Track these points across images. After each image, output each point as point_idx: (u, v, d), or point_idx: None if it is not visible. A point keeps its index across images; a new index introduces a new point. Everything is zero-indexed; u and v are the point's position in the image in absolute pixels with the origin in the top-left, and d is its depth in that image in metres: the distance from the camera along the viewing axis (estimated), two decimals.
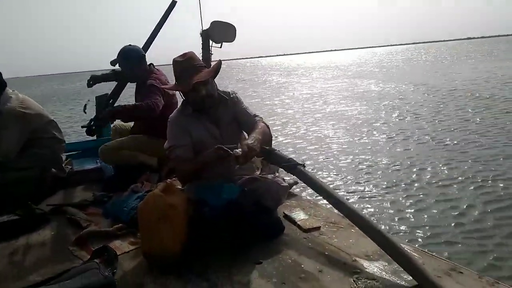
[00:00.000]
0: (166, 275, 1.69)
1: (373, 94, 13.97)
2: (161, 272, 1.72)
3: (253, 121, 2.25)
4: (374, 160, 6.01)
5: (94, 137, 4.32)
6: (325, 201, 2.11)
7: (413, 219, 3.91)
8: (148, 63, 3.37)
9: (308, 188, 2.31)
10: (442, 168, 5.33)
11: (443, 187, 4.68)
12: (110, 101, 4.10)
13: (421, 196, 4.46)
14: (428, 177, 5.05)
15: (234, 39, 3.48)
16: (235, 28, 3.46)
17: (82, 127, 3.61)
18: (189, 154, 2.12)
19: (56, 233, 2.28)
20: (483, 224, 3.68)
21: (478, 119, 8.16)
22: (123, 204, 2.39)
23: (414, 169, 5.37)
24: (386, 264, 1.65)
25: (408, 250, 1.61)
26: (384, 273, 1.59)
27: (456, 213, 3.97)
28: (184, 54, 2.15)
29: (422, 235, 3.57)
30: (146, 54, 3.44)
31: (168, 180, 2.67)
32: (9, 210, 2.45)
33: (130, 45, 3.34)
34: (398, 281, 1.52)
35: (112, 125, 3.85)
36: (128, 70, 3.30)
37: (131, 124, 3.50)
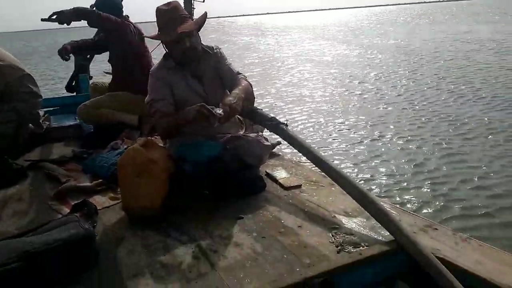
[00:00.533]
0: (146, 229, 1.70)
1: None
2: (141, 226, 1.73)
3: (236, 78, 2.21)
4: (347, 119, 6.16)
5: (74, 94, 4.23)
6: (307, 161, 2.12)
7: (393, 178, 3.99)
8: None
9: (291, 148, 2.32)
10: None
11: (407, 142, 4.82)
12: (88, 57, 3.98)
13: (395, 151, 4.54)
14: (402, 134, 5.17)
15: None
16: None
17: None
18: (170, 108, 2.06)
19: (34, 188, 2.25)
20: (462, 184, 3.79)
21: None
22: (102, 160, 2.36)
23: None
24: (365, 220, 1.68)
25: (386, 207, 1.64)
26: (362, 228, 1.62)
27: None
28: (169, 3, 2.06)
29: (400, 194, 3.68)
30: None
31: (150, 137, 2.64)
32: None
33: None
34: (376, 236, 1.56)
35: (90, 83, 3.75)
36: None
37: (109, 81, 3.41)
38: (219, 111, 1.82)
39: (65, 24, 2.83)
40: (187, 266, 1.41)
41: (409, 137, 5.15)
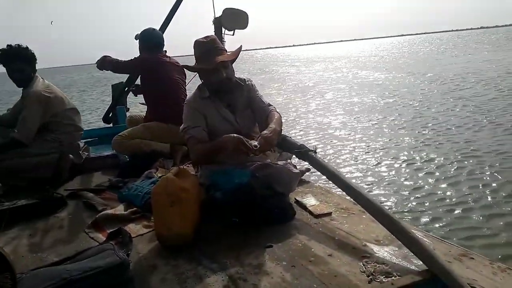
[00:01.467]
0: (178, 258, 1.73)
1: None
2: (173, 254, 1.76)
3: (267, 110, 2.27)
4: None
5: (111, 125, 4.41)
6: (336, 188, 2.11)
7: (426, 207, 3.87)
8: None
9: (320, 175, 2.32)
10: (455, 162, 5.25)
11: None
12: (125, 89, 4.17)
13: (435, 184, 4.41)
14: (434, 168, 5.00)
15: (246, 26, 3.47)
16: (247, 15, 3.44)
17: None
18: (204, 135, 2.15)
19: (73, 217, 2.35)
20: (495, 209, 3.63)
21: None
22: (137, 189, 2.43)
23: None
24: (396, 249, 1.65)
25: (419, 236, 1.61)
26: (394, 257, 1.59)
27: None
28: (207, 36, 2.20)
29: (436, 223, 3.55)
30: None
31: (182, 166, 2.72)
32: (29, 194, 2.53)
33: (154, 29, 3.45)
34: (408, 266, 1.52)
35: (127, 115, 3.92)
36: (145, 51, 3.40)
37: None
38: (255, 143, 1.90)
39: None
40: None
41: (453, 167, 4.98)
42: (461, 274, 1.40)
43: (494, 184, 4.24)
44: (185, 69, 2.25)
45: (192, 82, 3.19)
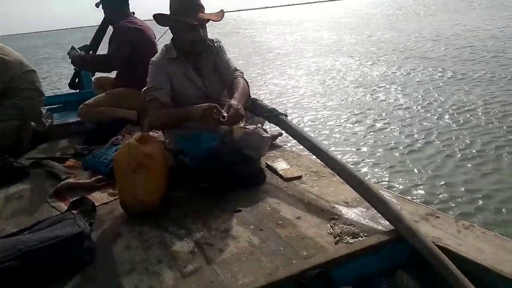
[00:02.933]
0: (143, 225, 1.68)
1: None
2: (139, 221, 1.71)
3: (233, 75, 2.18)
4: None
5: (77, 90, 4.22)
6: (307, 152, 2.08)
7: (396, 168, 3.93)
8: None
9: (292, 140, 2.28)
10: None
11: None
12: (91, 52, 3.96)
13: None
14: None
15: None
16: None
17: None
18: (167, 98, 2.03)
19: (34, 186, 2.25)
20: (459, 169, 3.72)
21: None
22: (102, 156, 2.35)
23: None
24: (364, 210, 1.65)
25: (387, 196, 1.60)
26: (361, 218, 1.59)
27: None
28: None
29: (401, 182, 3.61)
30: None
31: (150, 132, 2.62)
32: None
33: None
34: (375, 226, 1.52)
35: (93, 79, 3.74)
36: (108, 11, 3.18)
37: (113, 76, 3.40)
38: (224, 114, 1.81)
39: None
40: (182, 261, 1.39)
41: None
42: (427, 233, 1.40)
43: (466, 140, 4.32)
44: (156, 19, 2.04)
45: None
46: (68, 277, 1.36)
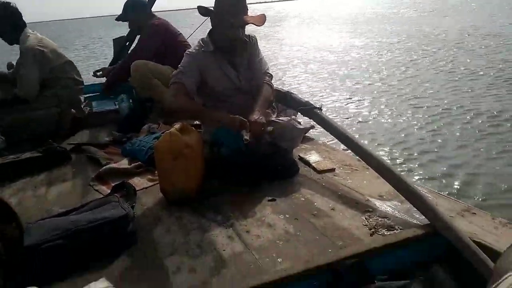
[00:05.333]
0: (182, 211, 1.75)
1: None
2: (178, 207, 1.78)
3: (262, 79, 2.23)
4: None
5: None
6: (340, 145, 2.10)
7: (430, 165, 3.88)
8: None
9: (324, 133, 2.30)
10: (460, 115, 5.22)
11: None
12: (127, 44, 4.08)
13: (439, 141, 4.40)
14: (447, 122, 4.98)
15: None
16: None
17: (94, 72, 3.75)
18: (192, 88, 2.07)
19: (76, 170, 2.36)
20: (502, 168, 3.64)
21: None
22: (141, 143, 2.43)
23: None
24: (399, 204, 1.66)
25: (422, 191, 1.61)
26: (396, 212, 1.60)
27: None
28: None
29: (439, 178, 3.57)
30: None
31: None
32: (32, 148, 2.53)
33: None
34: (410, 220, 1.53)
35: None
36: (137, 21, 3.33)
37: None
38: (246, 136, 1.92)
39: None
40: (221, 245, 1.45)
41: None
42: (463, 229, 1.41)
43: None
44: (200, 10, 2.09)
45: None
46: (114, 257, 1.44)
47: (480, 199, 3.16)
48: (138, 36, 3.56)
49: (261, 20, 2.13)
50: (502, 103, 5.53)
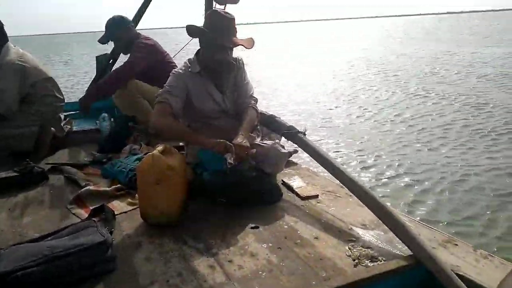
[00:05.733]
0: (163, 236, 1.70)
1: None
2: (158, 232, 1.74)
3: (247, 103, 2.23)
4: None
5: None
6: (323, 171, 2.11)
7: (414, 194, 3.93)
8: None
9: (308, 157, 2.31)
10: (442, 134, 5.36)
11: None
12: (110, 61, 4.05)
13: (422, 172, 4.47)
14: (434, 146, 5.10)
15: (238, 1, 3.37)
16: None
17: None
18: (178, 107, 2.06)
19: (54, 192, 2.28)
20: (481, 197, 3.71)
21: None
22: (121, 165, 2.38)
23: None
24: (382, 233, 1.66)
25: (405, 221, 1.62)
26: (379, 242, 1.60)
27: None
28: (228, 12, 2.11)
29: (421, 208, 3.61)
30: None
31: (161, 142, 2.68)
32: (8, 166, 2.45)
33: (113, 16, 3.32)
34: (393, 250, 1.53)
35: None
36: (122, 39, 3.29)
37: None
38: (230, 160, 1.88)
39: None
40: (202, 276, 1.41)
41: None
42: (445, 260, 1.41)
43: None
44: (189, 31, 2.09)
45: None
46: (91, 285, 1.38)
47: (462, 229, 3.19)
48: (122, 54, 3.54)
49: (250, 43, 2.16)
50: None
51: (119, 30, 3.24)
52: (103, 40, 3.29)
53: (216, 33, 2.03)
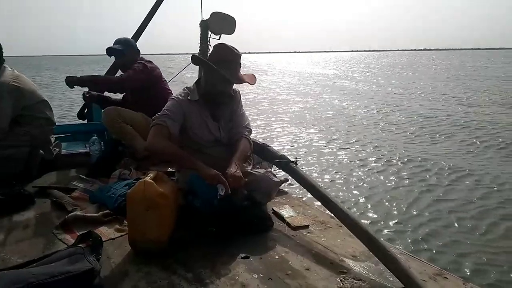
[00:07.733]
0: (151, 265, 1.67)
1: None
2: (146, 261, 1.70)
3: (241, 133, 2.26)
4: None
5: (85, 121, 4.26)
6: (314, 200, 2.11)
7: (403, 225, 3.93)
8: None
9: (298, 186, 2.32)
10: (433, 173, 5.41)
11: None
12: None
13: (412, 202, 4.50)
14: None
15: (233, 32, 3.45)
16: (235, 21, 3.42)
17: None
18: (175, 130, 2.09)
19: (40, 216, 2.23)
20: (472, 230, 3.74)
21: None
22: (110, 190, 2.35)
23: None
24: (373, 265, 1.65)
25: (395, 253, 1.62)
26: (370, 274, 1.59)
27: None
28: (235, 48, 2.16)
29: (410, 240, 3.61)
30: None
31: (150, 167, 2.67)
32: None
33: (126, 37, 3.48)
34: (384, 283, 1.53)
35: (103, 111, 3.80)
36: (128, 56, 3.33)
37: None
38: (222, 192, 1.89)
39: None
40: None
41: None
42: None
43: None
44: (194, 60, 2.18)
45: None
46: None
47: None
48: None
49: (253, 80, 2.25)
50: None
51: (130, 48, 3.35)
52: (113, 52, 3.34)
53: (222, 65, 2.09)
